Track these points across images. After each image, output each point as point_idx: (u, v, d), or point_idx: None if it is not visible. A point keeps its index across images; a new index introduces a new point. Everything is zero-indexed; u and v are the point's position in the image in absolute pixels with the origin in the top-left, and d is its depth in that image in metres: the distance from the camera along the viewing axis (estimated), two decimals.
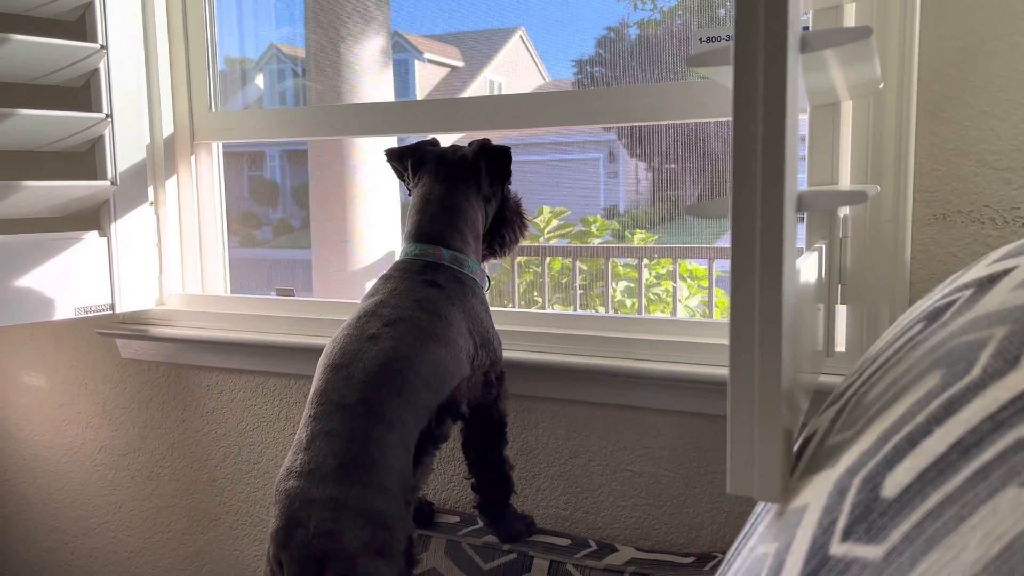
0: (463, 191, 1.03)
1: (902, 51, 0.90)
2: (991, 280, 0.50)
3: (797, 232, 0.51)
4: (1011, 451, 0.31)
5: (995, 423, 0.33)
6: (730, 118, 0.99)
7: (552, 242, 3.87)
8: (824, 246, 0.89)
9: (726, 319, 0.49)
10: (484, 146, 1.05)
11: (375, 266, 3.30)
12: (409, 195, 1.08)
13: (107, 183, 1.33)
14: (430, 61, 4.03)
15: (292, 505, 0.82)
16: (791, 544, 0.42)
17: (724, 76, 0.60)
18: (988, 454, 0.32)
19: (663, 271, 3.62)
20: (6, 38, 1.20)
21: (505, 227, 1.10)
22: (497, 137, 1.12)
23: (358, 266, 3.28)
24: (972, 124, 0.90)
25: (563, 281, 3.65)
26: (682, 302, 3.42)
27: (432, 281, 0.96)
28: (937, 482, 0.33)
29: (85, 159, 1.38)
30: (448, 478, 1.28)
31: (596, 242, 3.92)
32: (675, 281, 3.29)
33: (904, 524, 0.33)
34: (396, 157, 1.08)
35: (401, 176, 1.10)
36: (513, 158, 1.05)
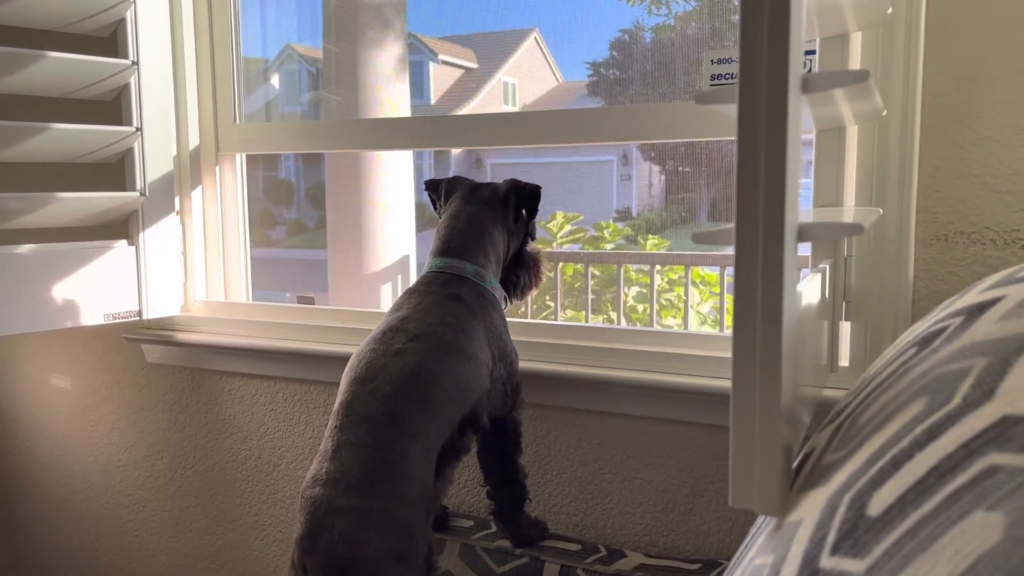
0: (490, 216, 1.09)
1: (907, 77, 0.93)
2: (980, 309, 0.54)
3: (798, 256, 0.55)
4: (981, 477, 0.34)
5: (968, 451, 0.36)
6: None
7: (564, 247, 3.89)
8: (828, 266, 0.92)
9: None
10: (516, 183, 1.12)
11: (390, 270, 3.34)
12: (439, 216, 1.14)
13: (136, 194, 1.37)
14: (444, 63, 4.05)
15: (317, 512, 0.85)
16: (786, 556, 0.45)
17: (732, 111, 0.63)
18: (961, 479, 0.35)
19: (675, 277, 3.64)
20: (42, 55, 1.25)
21: (520, 269, 1.15)
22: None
23: (373, 270, 3.32)
24: (974, 148, 0.93)
25: (576, 286, 3.68)
26: (694, 307, 3.44)
27: (455, 295, 1.00)
28: (916, 503, 0.36)
29: (112, 170, 1.43)
30: (462, 483, 1.32)
31: (608, 247, 3.95)
32: (687, 288, 3.32)
33: (885, 541, 0.36)
34: (433, 187, 1.16)
35: (435, 203, 1.16)
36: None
